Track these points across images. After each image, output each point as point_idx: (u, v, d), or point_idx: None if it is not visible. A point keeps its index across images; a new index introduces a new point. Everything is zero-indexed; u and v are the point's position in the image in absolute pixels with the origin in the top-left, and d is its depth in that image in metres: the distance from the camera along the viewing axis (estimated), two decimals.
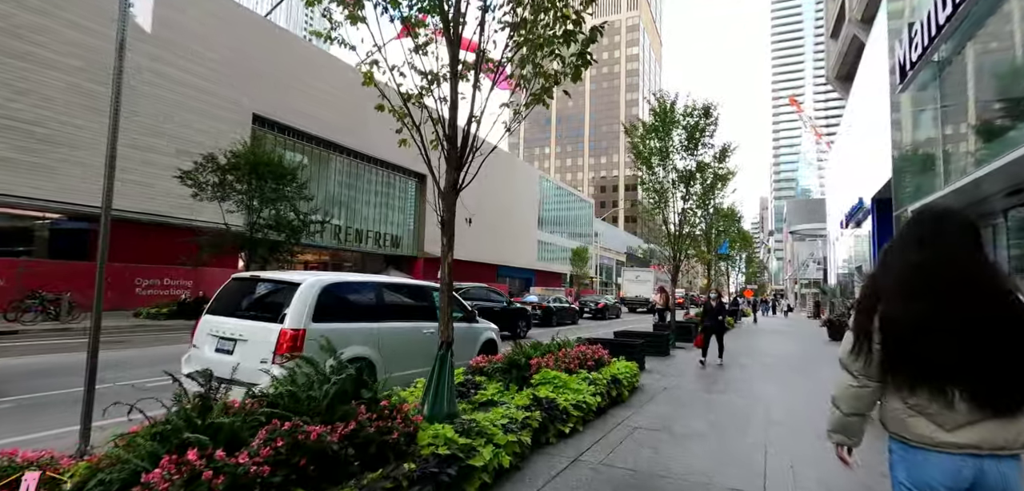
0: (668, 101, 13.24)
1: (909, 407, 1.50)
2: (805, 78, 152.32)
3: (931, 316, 1.45)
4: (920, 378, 1.46)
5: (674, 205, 13.40)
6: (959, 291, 1.45)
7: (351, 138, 31.08)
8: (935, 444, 1.45)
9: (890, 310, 1.52)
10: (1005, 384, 1.38)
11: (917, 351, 1.45)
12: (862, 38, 30.91)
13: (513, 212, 50.19)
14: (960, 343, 1.41)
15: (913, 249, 1.58)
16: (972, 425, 1.41)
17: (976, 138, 5.49)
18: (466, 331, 7.61)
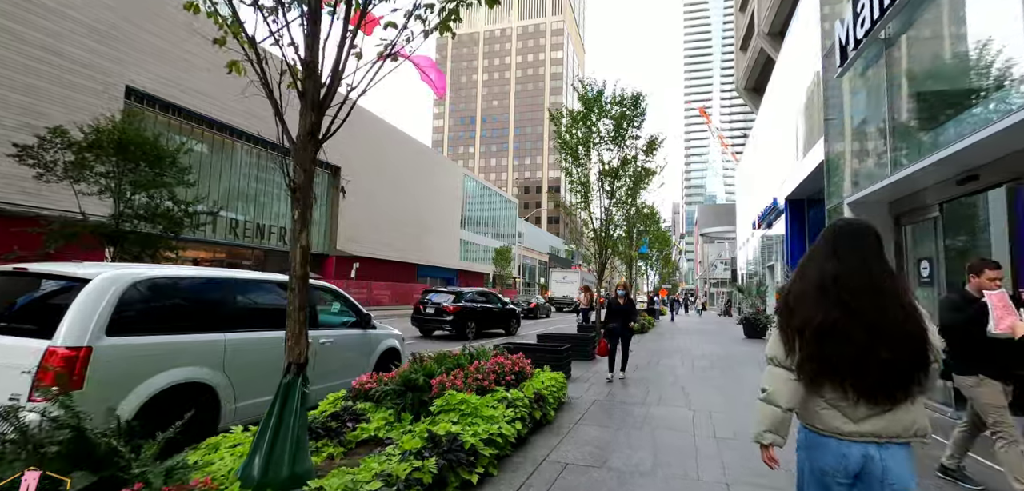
0: (595, 88, 12.47)
1: (822, 400, 1.67)
2: (713, 91, 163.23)
3: (842, 321, 1.61)
4: (827, 376, 1.63)
5: (600, 201, 12.64)
6: (868, 299, 1.62)
7: (255, 124, 27.86)
8: (842, 434, 1.62)
9: (808, 316, 1.66)
10: (897, 381, 1.57)
11: (827, 353, 1.62)
12: (769, 51, 32.63)
13: (435, 210, 48.33)
14: (863, 345, 1.58)
15: (829, 260, 1.73)
16: (873, 417, 1.60)
17: (929, 121, 4.87)
18: (358, 340, 6.14)
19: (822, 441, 1.66)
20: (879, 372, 1.57)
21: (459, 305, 14.72)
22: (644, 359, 10.85)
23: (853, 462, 1.59)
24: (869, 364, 1.57)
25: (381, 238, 39.64)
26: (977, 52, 4.49)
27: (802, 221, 15.99)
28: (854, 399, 1.60)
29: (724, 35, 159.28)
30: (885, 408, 1.58)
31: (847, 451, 1.60)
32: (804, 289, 1.73)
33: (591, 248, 13.31)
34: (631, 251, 21.59)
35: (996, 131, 4.09)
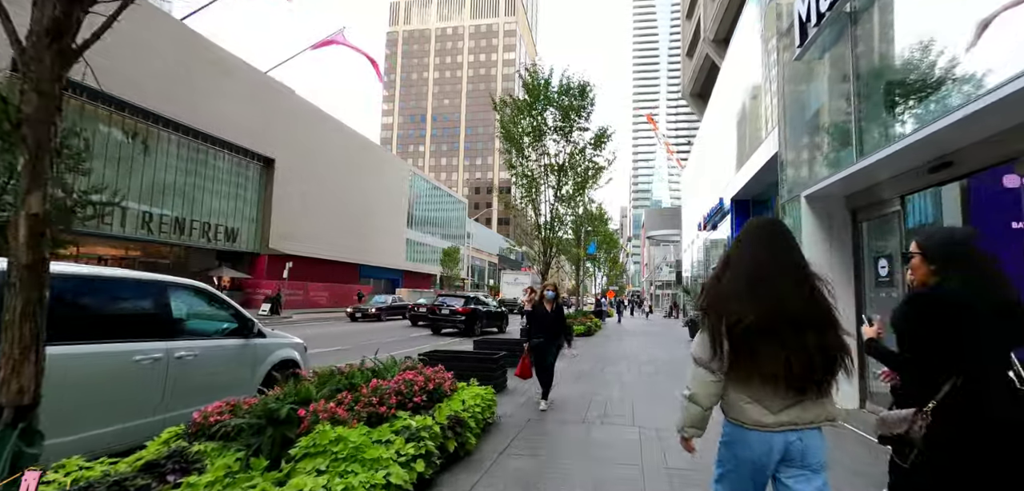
0: (542, 76, 11.66)
1: (745, 395, 1.70)
2: (660, 98, 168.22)
3: (768, 317, 1.65)
4: (759, 371, 1.66)
5: (545, 196, 11.83)
6: (790, 295, 1.68)
7: (175, 108, 25.27)
8: (764, 426, 1.67)
9: (737, 314, 1.67)
10: (822, 369, 1.65)
11: (758, 348, 1.65)
12: (715, 58, 33.24)
13: (380, 209, 46.36)
14: (788, 339, 1.64)
15: (752, 257, 1.77)
16: (790, 407, 1.66)
17: (902, 101, 4.25)
18: (234, 353, 4.93)
19: (746, 434, 1.70)
20: (807, 362, 1.63)
21: (469, 307, 17.38)
22: (588, 365, 10.10)
23: (777, 450, 1.66)
24: (797, 356, 1.62)
25: (320, 236, 37.39)
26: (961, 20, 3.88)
27: (747, 220, 15.88)
28: (782, 391, 1.65)
29: (671, 44, 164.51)
30: (804, 398, 1.66)
31: (770, 441, 1.66)
32: (729, 288, 1.75)
33: (536, 246, 12.48)
34: (579, 250, 21.08)
35: (986, 105, 3.49)
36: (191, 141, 27.38)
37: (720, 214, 17.91)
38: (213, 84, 27.92)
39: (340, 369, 4.21)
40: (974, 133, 4.01)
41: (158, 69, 24.31)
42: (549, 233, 11.53)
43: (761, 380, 1.67)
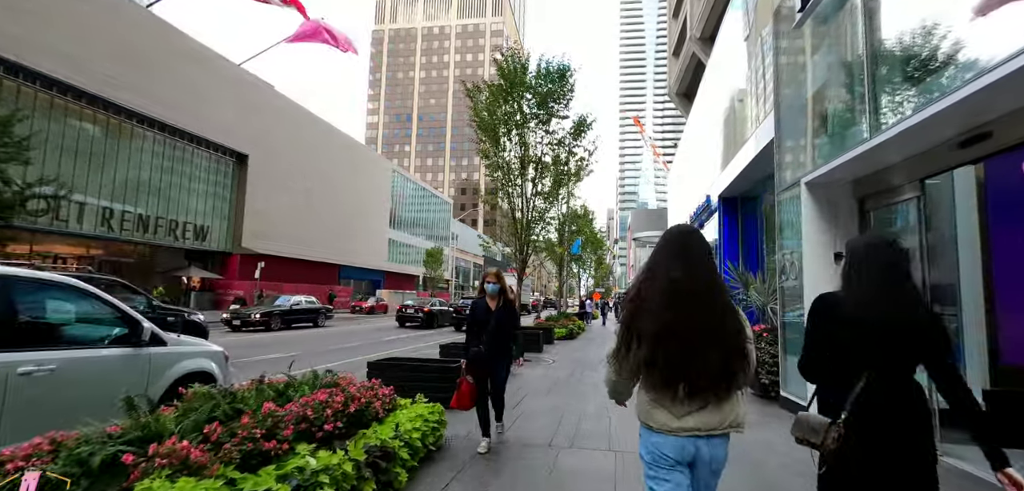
0: (519, 61, 10.82)
1: (652, 400, 1.76)
2: (647, 100, 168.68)
3: (674, 326, 1.69)
4: (664, 379, 1.70)
5: (523, 189, 10.99)
6: (697, 305, 1.71)
7: (139, 99, 23.95)
8: (669, 430, 1.71)
9: (648, 321, 1.73)
10: (723, 378, 1.69)
11: (661, 354, 1.69)
12: (701, 56, 32.78)
13: (361, 208, 45.14)
14: (691, 347, 1.68)
15: (667, 266, 1.79)
16: (693, 414, 1.69)
17: (928, 64, 3.45)
18: (121, 364, 3.98)
19: (655, 437, 1.75)
20: (711, 372, 1.68)
21: (428, 308, 22.63)
22: (565, 371, 9.26)
23: (683, 454, 1.71)
24: (702, 364, 1.68)
25: (297, 235, 36.13)
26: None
27: (735, 218, 15.19)
28: (685, 397, 1.69)
29: (657, 47, 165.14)
30: (708, 404, 1.70)
31: (676, 444, 1.70)
32: (646, 295, 1.79)
33: (511, 243, 11.62)
34: (560, 249, 20.29)
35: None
36: (157, 134, 26.06)
37: (707, 212, 17.28)
38: (182, 75, 26.64)
39: (235, 388, 3.28)
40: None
41: (118, 55, 23.00)
42: (525, 231, 10.66)
43: (666, 388, 1.72)
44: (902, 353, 1.71)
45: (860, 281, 1.78)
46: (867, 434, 1.67)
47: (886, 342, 1.70)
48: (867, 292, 1.75)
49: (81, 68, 21.39)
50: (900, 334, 1.69)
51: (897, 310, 1.70)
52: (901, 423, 1.67)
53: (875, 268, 1.77)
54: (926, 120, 3.69)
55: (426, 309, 22.90)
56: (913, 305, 1.72)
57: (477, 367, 4.47)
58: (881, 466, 1.66)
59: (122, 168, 24.26)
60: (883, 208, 5.32)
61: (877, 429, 1.67)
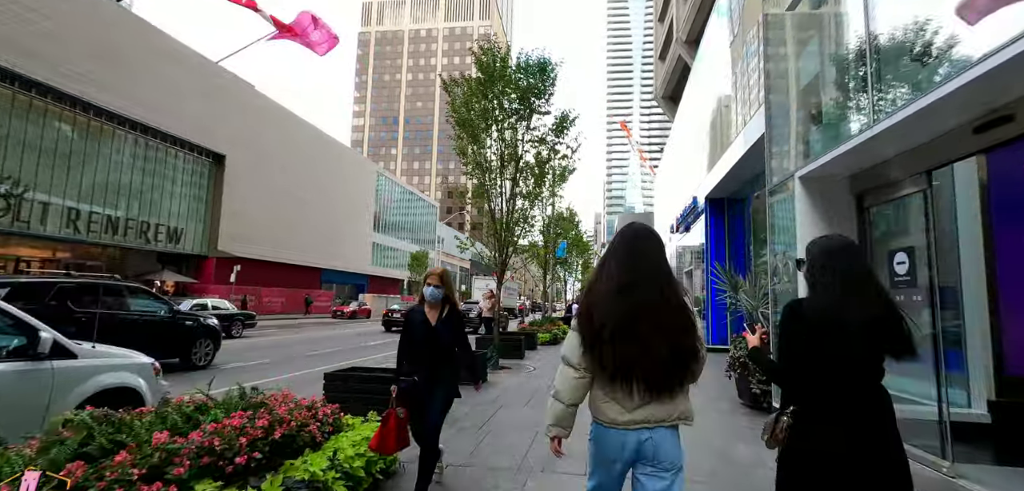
0: (499, 53, 10.33)
1: (605, 395, 1.80)
2: (633, 105, 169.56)
3: (630, 323, 1.73)
4: (619, 372, 1.74)
5: (502, 187, 10.49)
6: (648, 302, 1.75)
7: (110, 97, 23.01)
8: (619, 424, 1.75)
9: (604, 319, 1.75)
10: (675, 374, 1.74)
11: (619, 351, 1.72)
12: (687, 59, 32.72)
13: (344, 211, 44.31)
14: (642, 344, 1.72)
15: (622, 265, 1.83)
16: (643, 406, 1.74)
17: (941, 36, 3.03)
18: (13, 381, 3.40)
19: (605, 432, 1.78)
20: (662, 366, 1.72)
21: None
22: (546, 380, 8.75)
23: (630, 448, 1.75)
24: (653, 360, 1.71)
25: (276, 238, 35.23)
26: None
27: (722, 220, 14.86)
28: (640, 392, 1.73)
29: (644, 53, 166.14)
30: (657, 397, 1.74)
31: (624, 438, 1.74)
32: (601, 293, 1.82)
33: (489, 245, 11.10)
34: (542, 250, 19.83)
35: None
36: (129, 133, 25.12)
37: (693, 214, 16.94)
38: (156, 73, 25.74)
39: (123, 415, 2.71)
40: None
41: (87, 50, 22.08)
42: (505, 232, 10.15)
43: (618, 381, 1.75)
44: (870, 352, 1.72)
45: (825, 285, 1.80)
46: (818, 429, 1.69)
47: (855, 342, 1.70)
48: (833, 295, 1.76)
49: (46, 63, 20.45)
50: (868, 333, 1.70)
51: (863, 310, 1.71)
52: (864, 421, 1.67)
53: (838, 271, 1.78)
54: (938, 102, 3.27)
55: None
56: (878, 303, 1.73)
57: (409, 400, 3.31)
58: (842, 464, 1.65)
59: (90, 167, 23.30)
60: (886, 203, 4.91)
61: (839, 426, 1.67)
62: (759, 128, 9.41)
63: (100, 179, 23.78)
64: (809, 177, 5.17)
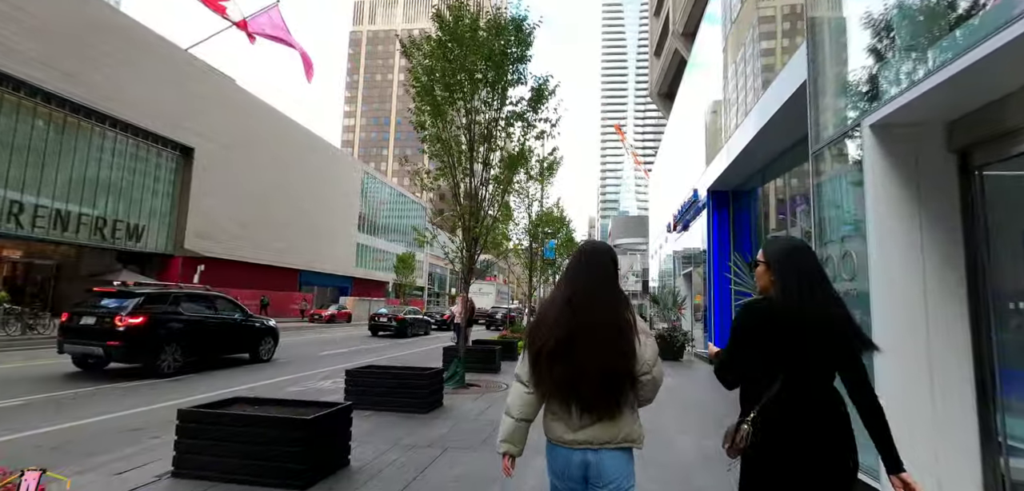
0: (467, 14, 8.65)
1: (552, 413, 1.79)
2: (628, 109, 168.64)
3: (569, 343, 1.72)
4: (556, 391, 1.75)
5: (469, 168, 8.80)
6: (587, 323, 1.74)
7: (59, 81, 21.08)
8: (564, 442, 1.75)
9: (543, 338, 1.76)
10: (611, 395, 1.71)
11: (555, 370, 1.73)
12: (683, 52, 31.23)
13: (327, 210, 42.38)
14: (579, 366, 1.71)
15: (566, 283, 1.86)
16: (586, 427, 1.72)
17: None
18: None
19: (553, 449, 1.79)
20: (595, 388, 1.69)
21: (400, 316, 22.71)
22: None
23: (575, 467, 1.73)
24: (587, 381, 1.69)
25: (252, 238, 33.31)
26: None
27: (726, 214, 13.23)
28: (578, 413, 1.72)
29: (639, 59, 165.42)
30: (600, 419, 1.71)
31: (570, 457, 1.74)
32: (548, 311, 1.84)
33: (457, 238, 9.40)
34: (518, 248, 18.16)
35: None
36: (84, 121, 23.17)
37: (693, 210, 15.31)
38: (116, 57, 23.86)
39: None
40: None
41: (35, 28, 20.18)
42: (474, 222, 8.46)
43: (560, 400, 1.75)
44: (821, 354, 1.70)
45: (785, 286, 1.76)
46: (780, 434, 1.66)
47: (806, 343, 1.68)
48: (791, 296, 1.72)
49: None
50: (818, 334, 1.69)
51: (817, 310, 1.69)
52: (816, 424, 1.65)
53: (797, 272, 1.76)
54: None
55: (399, 317, 22.73)
56: (831, 305, 1.73)
57: None
58: (794, 467, 1.64)
59: (36, 158, 21.33)
60: (1004, 164, 3.24)
61: (791, 429, 1.65)
62: (778, 97, 7.81)
63: (49, 172, 21.83)
64: (886, 125, 3.49)
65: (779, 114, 7.65)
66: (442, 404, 6.80)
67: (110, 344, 8.47)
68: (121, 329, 8.55)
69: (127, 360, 8.91)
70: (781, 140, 9.07)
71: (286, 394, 7.73)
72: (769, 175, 11.09)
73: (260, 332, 11.70)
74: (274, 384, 9.02)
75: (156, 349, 8.96)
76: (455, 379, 8.33)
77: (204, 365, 10.26)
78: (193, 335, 9.68)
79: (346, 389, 6.40)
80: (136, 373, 9.09)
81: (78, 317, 8.91)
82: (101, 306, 8.98)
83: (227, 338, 10.66)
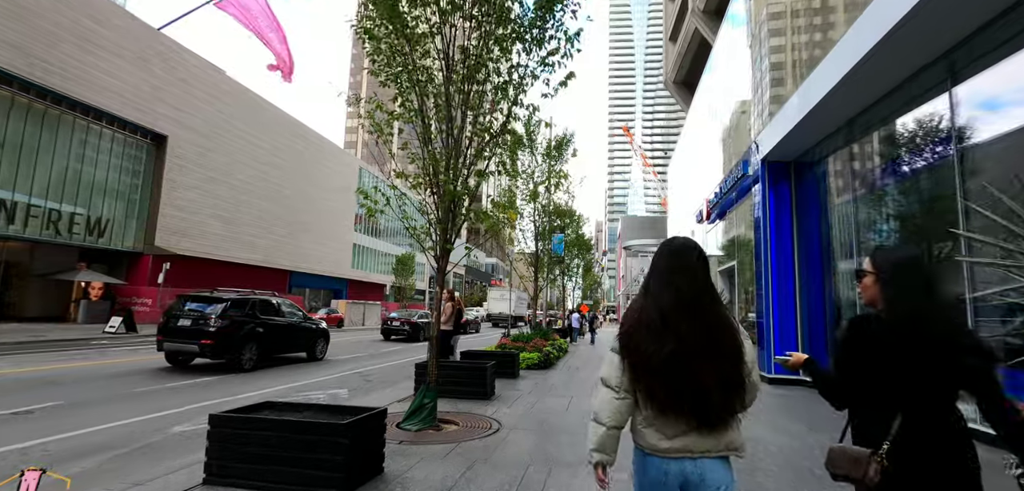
0: None
1: (645, 419, 1.67)
2: (635, 112, 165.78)
3: (679, 354, 1.59)
4: (669, 405, 1.60)
5: (449, 109, 6.03)
6: (692, 327, 1.61)
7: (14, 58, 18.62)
8: (659, 451, 1.62)
9: (647, 349, 1.63)
10: (721, 408, 1.59)
11: (667, 383, 1.59)
12: (705, 32, 28.38)
13: (320, 207, 39.75)
14: (695, 375, 1.58)
15: (665, 286, 1.69)
16: (685, 434, 1.60)
17: None
18: None
19: (646, 459, 1.68)
20: (715, 399, 1.58)
21: (413, 320, 22.53)
22: (513, 465, 4.26)
23: (672, 477, 1.63)
24: (705, 393, 1.58)
25: (235, 235, 30.73)
26: None
27: (786, 191, 10.35)
28: (680, 420, 1.61)
29: (647, 57, 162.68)
30: (698, 428, 1.60)
31: (666, 467, 1.63)
32: (642, 319, 1.71)
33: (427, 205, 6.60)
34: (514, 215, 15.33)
35: None
36: (35, 101, 20.63)
37: (737, 189, 12.42)
38: (75, 32, 21.39)
39: None
40: None
41: None
42: (448, 179, 5.66)
43: (659, 408, 1.63)
44: (945, 375, 1.55)
45: (898, 302, 1.63)
46: (909, 464, 1.53)
47: (928, 365, 1.55)
48: (907, 313, 1.60)
49: None
50: (940, 354, 1.54)
51: (937, 328, 1.57)
52: (944, 451, 1.53)
53: (914, 286, 1.63)
54: None
55: (412, 321, 22.58)
56: (951, 320, 1.64)
57: None
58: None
59: None
60: None
61: (919, 458, 1.53)
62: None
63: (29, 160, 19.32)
64: None
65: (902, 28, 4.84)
66: (382, 471, 3.99)
67: (203, 343, 9.91)
68: (213, 330, 10.03)
69: (216, 357, 10.15)
70: (893, 72, 6.23)
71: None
72: (858, 132, 8.22)
73: (316, 333, 13.00)
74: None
75: (240, 348, 10.37)
76: (421, 416, 5.53)
77: (271, 362, 11.67)
78: (266, 336, 11.13)
79: (207, 451, 3.62)
80: (220, 368, 10.36)
81: (174, 320, 10.41)
82: (193, 310, 10.45)
83: (291, 339, 12.14)
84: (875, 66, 6.20)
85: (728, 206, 13.90)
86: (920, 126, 6.76)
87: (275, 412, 4.09)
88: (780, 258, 10.09)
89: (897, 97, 6.90)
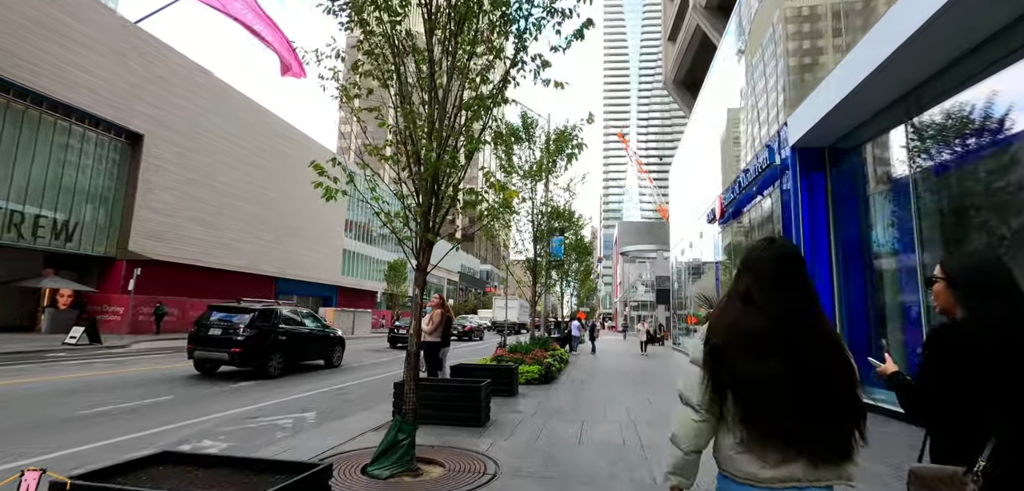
0: None
1: (738, 444, 1.39)
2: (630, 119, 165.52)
3: (790, 377, 1.34)
4: (758, 425, 1.34)
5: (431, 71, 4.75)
6: (813, 348, 1.37)
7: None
8: (758, 481, 1.36)
9: (746, 362, 1.37)
10: (845, 438, 1.34)
11: (760, 407, 1.35)
12: (707, 29, 27.36)
13: (308, 211, 38.30)
14: (804, 399, 1.33)
15: (771, 298, 1.42)
16: (791, 462, 1.33)
17: None
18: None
19: (736, 487, 1.40)
20: (833, 430, 1.32)
21: None
22: None
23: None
24: (826, 423, 1.32)
25: (217, 240, 29.25)
26: None
27: (821, 181, 9.12)
28: (783, 445, 1.33)
29: (641, 61, 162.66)
30: (806, 456, 1.34)
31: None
32: (740, 331, 1.42)
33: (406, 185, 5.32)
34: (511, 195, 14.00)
35: None
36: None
37: (758, 184, 11.22)
38: (48, 27, 20.03)
39: None
40: None
41: None
42: (431, 147, 4.35)
43: (760, 435, 1.34)
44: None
45: (979, 310, 1.48)
46: (1006, 484, 1.36)
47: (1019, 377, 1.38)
48: (989, 322, 1.44)
49: None
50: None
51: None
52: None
53: (994, 292, 1.48)
54: None
55: None
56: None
57: None
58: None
59: None
60: None
61: (1017, 478, 1.35)
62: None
63: None
64: None
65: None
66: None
67: (233, 351, 10.38)
68: (241, 338, 10.46)
69: (244, 364, 10.69)
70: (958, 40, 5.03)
71: None
72: (914, 111, 7.00)
73: (333, 342, 13.61)
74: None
75: (267, 355, 10.81)
76: (394, 458, 4.21)
77: (293, 370, 12.09)
78: (291, 345, 11.67)
79: None
80: (246, 375, 10.81)
81: (205, 329, 10.77)
82: (221, 320, 10.86)
83: (311, 347, 12.68)
84: (963, 8, 4.97)
85: (747, 201, 12.67)
86: (1005, 97, 5.55)
87: (172, 467, 2.77)
88: (814, 256, 8.86)
89: (980, 56, 5.69)
